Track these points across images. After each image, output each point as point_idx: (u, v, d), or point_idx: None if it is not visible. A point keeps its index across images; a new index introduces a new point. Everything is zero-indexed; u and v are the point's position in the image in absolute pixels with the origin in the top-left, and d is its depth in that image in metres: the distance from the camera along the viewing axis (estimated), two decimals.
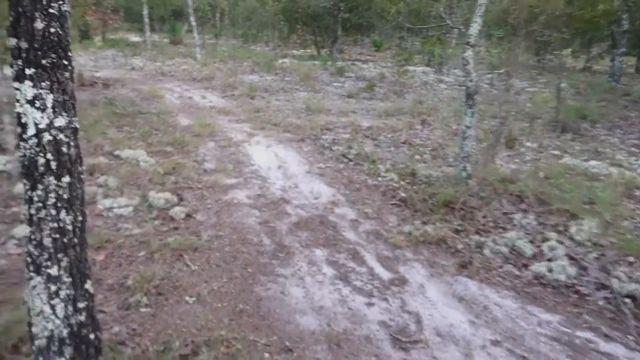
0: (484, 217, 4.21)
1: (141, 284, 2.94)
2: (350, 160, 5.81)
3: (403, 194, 4.67)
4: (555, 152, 6.82)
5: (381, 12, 24.82)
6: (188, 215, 4.05)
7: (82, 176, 1.94)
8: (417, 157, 6.15)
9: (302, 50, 23.43)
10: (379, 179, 5.17)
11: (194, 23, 16.82)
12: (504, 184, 4.77)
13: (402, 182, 5.02)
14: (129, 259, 3.33)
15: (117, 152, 5.55)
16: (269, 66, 14.71)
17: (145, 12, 17.11)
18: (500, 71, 6.41)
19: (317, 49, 21.44)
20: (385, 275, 3.37)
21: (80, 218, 1.91)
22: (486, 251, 3.69)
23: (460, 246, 3.76)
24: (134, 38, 25.93)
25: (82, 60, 15.51)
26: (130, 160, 5.35)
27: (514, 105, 9.62)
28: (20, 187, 4.32)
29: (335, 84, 12.96)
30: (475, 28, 4.18)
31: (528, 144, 6.98)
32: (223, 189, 4.76)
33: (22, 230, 3.53)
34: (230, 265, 3.36)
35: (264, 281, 3.20)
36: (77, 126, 1.93)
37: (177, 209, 4.06)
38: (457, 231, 3.98)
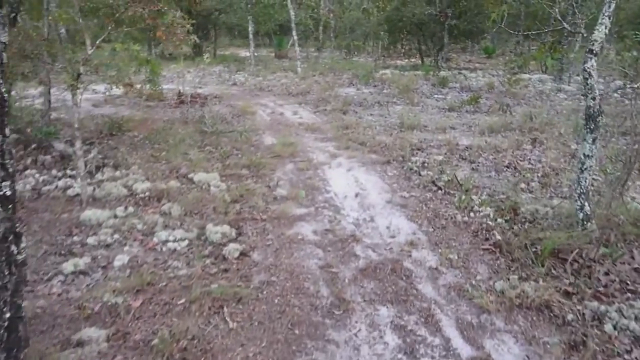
0: (607, 274, 3.25)
1: (166, 345, 2.55)
2: (440, 188, 5.04)
3: (499, 237, 3.83)
4: None
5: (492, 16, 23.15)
6: (242, 254, 3.63)
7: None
8: (522, 185, 5.20)
9: (406, 60, 22.61)
10: (471, 214, 4.36)
11: (295, 37, 16.90)
12: (637, 228, 3.71)
13: (499, 220, 4.16)
14: (166, 307, 2.98)
15: (191, 175, 5.38)
16: (367, 78, 14.20)
17: (250, 28, 17.54)
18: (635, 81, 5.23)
19: (422, 58, 20.50)
20: (465, 351, 2.64)
21: None
22: (608, 326, 2.77)
23: (570, 316, 2.88)
24: (243, 53, 27.07)
25: (190, 76, 16.31)
26: (201, 184, 5.13)
27: None
28: (87, 214, 4.28)
29: (436, 95, 12.06)
30: (600, 32, 3.26)
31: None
32: (289, 221, 4.30)
33: (72, 265, 3.37)
34: (275, 323, 2.86)
35: (309, 348, 2.64)
36: None
37: (231, 246, 3.66)
38: (567, 294, 3.08)
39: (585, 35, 3.54)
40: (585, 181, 3.59)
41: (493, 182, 5.32)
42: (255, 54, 27.74)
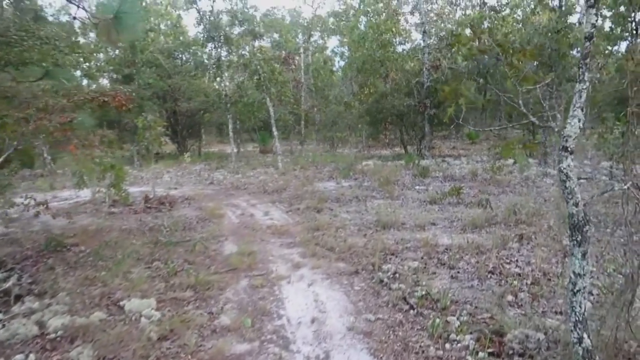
0: None
1: None
2: (413, 307, 4.26)
3: None
4: None
5: (473, 104, 23.61)
6: None
7: None
8: (509, 297, 4.43)
9: (389, 150, 22.62)
10: (447, 345, 3.55)
11: (275, 133, 16.83)
12: None
13: (481, 354, 3.35)
14: None
15: (124, 302, 4.59)
16: (347, 171, 13.82)
17: (230, 126, 17.54)
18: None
19: (404, 148, 20.44)
20: None
21: None
22: None
23: None
24: (229, 150, 27.19)
25: (168, 176, 15.95)
26: (132, 314, 4.33)
27: None
28: None
29: (417, 187, 11.58)
30: (574, 127, 2.72)
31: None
32: None
33: None
34: None
35: None
36: None
37: None
38: None
39: (557, 129, 3.00)
40: (581, 306, 2.85)
41: (475, 295, 4.55)
42: (241, 149, 28.01)
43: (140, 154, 20.03)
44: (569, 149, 2.79)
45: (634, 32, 21.32)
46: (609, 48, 23.36)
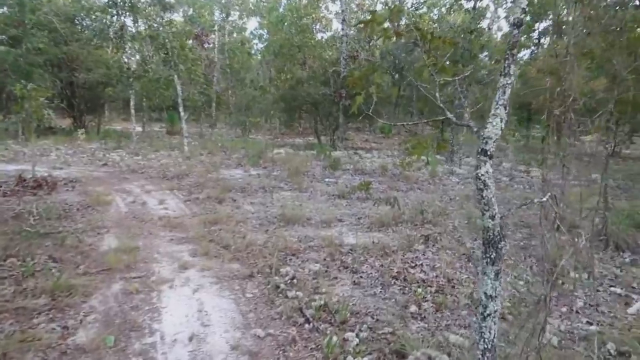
0: None
1: None
2: (309, 321, 3.78)
3: None
4: (617, 290, 4.73)
5: (387, 98, 23.85)
6: None
7: None
8: (413, 307, 4.10)
9: (303, 139, 22.21)
10: None
11: (182, 113, 15.65)
12: None
13: None
14: None
15: None
16: (256, 159, 13.15)
17: (132, 103, 16.05)
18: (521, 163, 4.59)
19: (318, 137, 20.13)
20: None
21: None
22: None
23: None
24: (137, 128, 25.23)
25: (56, 155, 14.24)
26: None
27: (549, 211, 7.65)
28: None
29: (327, 179, 11.23)
30: (496, 127, 2.34)
31: (575, 274, 4.88)
32: None
33: None
34: None
35: None
36: None
37: None
38: None
39: (475, 129, 2.62)
40: (490, 332, 2.51)
41: (377, 304, 4.18)
42: (147, 129, 26.16)
43: (26, 127, 17.83)
44: (489, 153, 2.41)
45: (537, 41, 22.73)
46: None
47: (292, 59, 20.56)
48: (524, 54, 26.62)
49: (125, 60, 15.73)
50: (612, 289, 4.77)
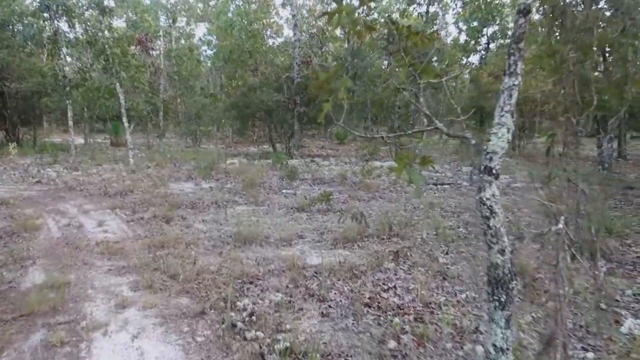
0: None
1: None
2: None
3: None
4: (602, 305, 4.40)
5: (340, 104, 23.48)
6: None
7: None
8: (392, 343, 3.58)
9: (257, 147, 21.49)
10: None
11: (126, 124, 14.62)
12: None
13: None
14: None
15: None
16: (207, 171, 12.38)
17: (70, 113, 14.86)
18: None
19: (273, 145, 19.49)
20: None
21: None
22: None
23: None
24: (78, 140, 23.69)
25: None
26: None
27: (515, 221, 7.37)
28: None
29: (285, 190, 10.64)
30: (502, 139, 1.85)
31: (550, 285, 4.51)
32: None
33: None
34: None
35: None
36: None
37: None
38: None
39: (473, 142, 2.12)
40: None
41: (351, 341, 3.63)
42: (90, 140, 24.66)
43: None
44: (494, 172, 1.92)
45: (487, 45, 23.08)
46: (464, 59, 25.08)
47: (243, 65, 19.86)
48: (474, 58, 27.08)
49: (61, 67, 14.53)
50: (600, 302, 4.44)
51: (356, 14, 2.52)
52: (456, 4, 21.49)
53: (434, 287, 4.76)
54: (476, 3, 23.03)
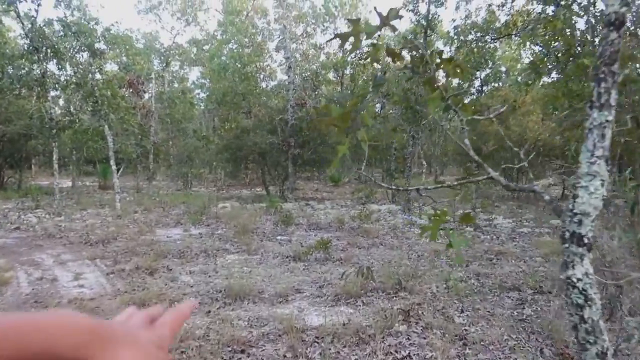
0: None
1: None
2: None
3: None
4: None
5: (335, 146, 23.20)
6: None
7: None
8: None
9: (250, 190, 20.96)
10: None
11: (114, 167, 14.07)
12: None
13: None
14: None
15: None
16: (197, 216, 11.77)
17: (55, 156, 14.32)
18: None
19: (266, 188, 18.96)
20: None
21: None
22: None
23: None
24: (65, 184, 23.06)
25: None
26: None
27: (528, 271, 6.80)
28: None
29: (280, 236, 10.03)
30: (595, 196, 1.33)
31: None
32: None
33: None
34: None
35: None
36: None
37: None
38: None
39: (547, 197, 1.59)
40: None
41: None
42: (79, 183, 24.03)
43: None
44: (586, 240, 1.38)
45: (480, 89, 23.16)
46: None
47: (237, 107, 19.60)
48: (466, 99, 27.18)
49: (48, 110, 14.11)
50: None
51: (377, 35, 2.05)
52: (450, 49, 21.71)
53: (454, 355, 4.13)
54: (467, 48, 23.29)
